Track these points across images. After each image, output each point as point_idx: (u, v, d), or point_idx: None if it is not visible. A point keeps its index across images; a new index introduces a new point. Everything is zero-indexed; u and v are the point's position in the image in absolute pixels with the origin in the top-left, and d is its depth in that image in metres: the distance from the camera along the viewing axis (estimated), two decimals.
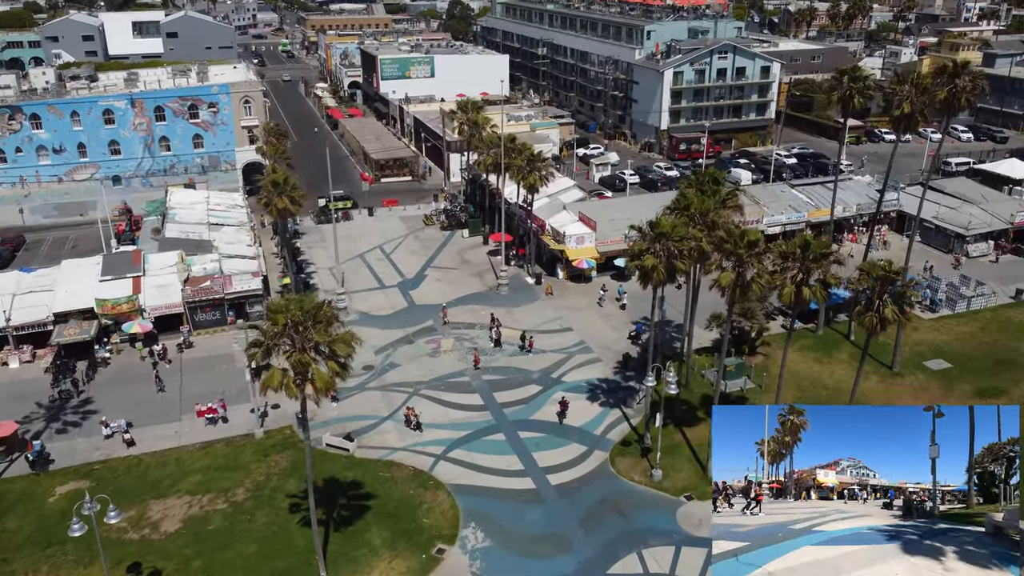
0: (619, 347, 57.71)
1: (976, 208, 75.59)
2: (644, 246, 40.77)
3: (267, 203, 59.37)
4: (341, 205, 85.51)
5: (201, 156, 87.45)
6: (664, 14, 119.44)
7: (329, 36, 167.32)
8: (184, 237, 68.02)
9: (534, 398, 51.39)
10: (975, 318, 62.15)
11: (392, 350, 57.40)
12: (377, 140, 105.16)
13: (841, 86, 53.37)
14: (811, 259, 38.61)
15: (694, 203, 43.12)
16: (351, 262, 73.16)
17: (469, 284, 68.37)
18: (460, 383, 53.10)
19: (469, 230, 79.17)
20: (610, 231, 69.18)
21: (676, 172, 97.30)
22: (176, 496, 42.49)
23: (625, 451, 46.24)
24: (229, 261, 64.22)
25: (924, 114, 50.47)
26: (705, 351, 56.82)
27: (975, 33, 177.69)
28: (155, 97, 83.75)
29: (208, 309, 60.00)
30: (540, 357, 56.24)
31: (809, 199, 77.73)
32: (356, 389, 52.42)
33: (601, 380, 53.60)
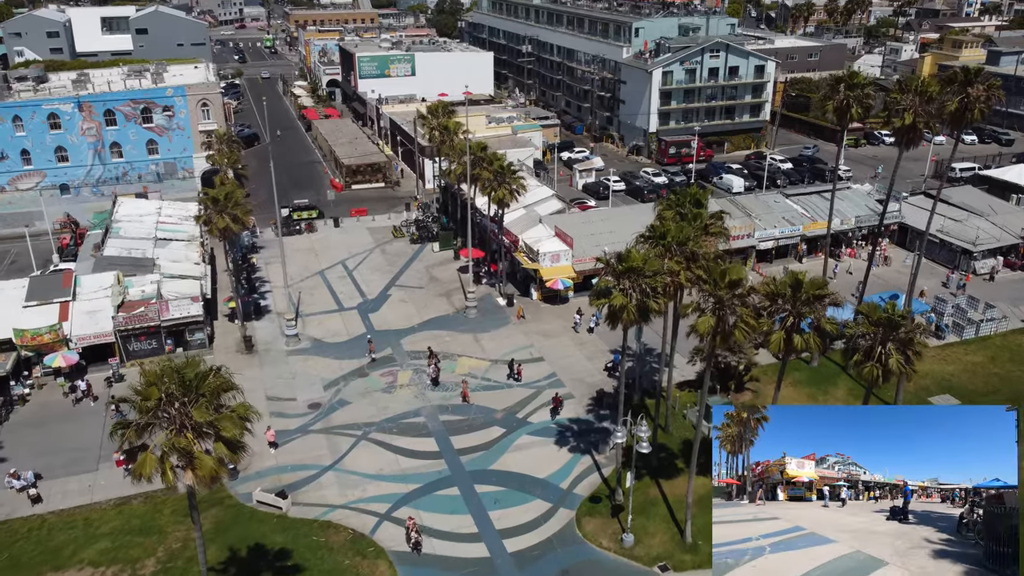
0: (594, 380, 52.35)
1: (984, 220, 70.23)
2: (611, 282, 35.40)
3: (207, 221, 53.92)
4: (306, 216, 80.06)
5: (156, 163, 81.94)
6: (653, 10, 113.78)
7: (309, 32, 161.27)
8: (125, 255, 62.50)
9: (496, 443, 46.03)
10: (984, 345, 56.85)
11: (343, 384, 51.99)
12: (350, 143, 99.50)
13: (837, 93, 47.86)
14: (803, 301, 33.28)
15: (671, 231, 37.68)
16: (310, 280, 67.73)
17: (435, 306, 62.93)
18: (414, 425, 47.71)
19: (439, 243, 73.70)
20: (588, 247, 63.69)
21: (664, 178, 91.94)
22: (76, 568, 37.10)
23: (594, 509, 40.91)
24: (170, 282, 58.74)
25: (930, 125, 45.06)
26: (689, 386, 51.53)
27: (977, 29, 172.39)
28: (104, 100, 78.12)
29: (143, 337, 54.54)
30: (506, 392, 50.89)
31: (805, 210, 72.29)
32: (298, 432, 47.08)
33: (572, 421, 48.25)
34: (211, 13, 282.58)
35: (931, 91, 44.10)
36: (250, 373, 53.13)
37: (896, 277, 66.56)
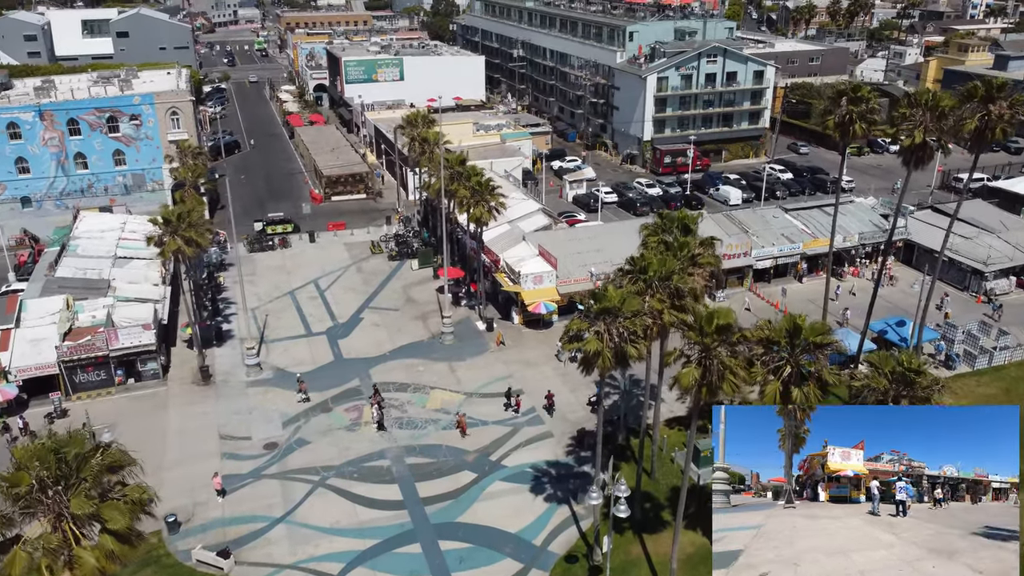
0: (576, 416, 48.28)
1: (995, 238, 66.10)
2: (584, 325, 31.36)
3: (158, 243, 49.94)
4: (280, 230, 76.06)
5: (123, 174, 77.88)
6: (648, 13, 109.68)
7: (297, 35, 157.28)
8: (79, 275, 58.60)
9: (465, 490, 41.96)
10: (999, 376, 52.74)
11: (303, 421, 47.94)
12: (331, 152, 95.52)
13: (839, 108, 43.70)
14: (802, 349, 29.22)
15: (653, 265, 33.62)
16: (279, 301, 63.74)
17: (409, 330, 58.90)
18: (377, 469, 43.63)
19: (418, 260, 69.67)
20: (574, 268, 59.86)
21: (659, 189, 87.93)
22: None
23: (569, 572, 36.85)
24: (124, 307, 54.84)
25: (943, 144, 40.97)
26: (679, 423, 47.48)
27: (983, 32, 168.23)
28: (67, 108, 74.12)
29: (90, 368, 50.54)
30: (480, 431, 46.81)
31: (805, 226, 68.21)
32: (250, 477, 43.05)
33: (550, 464, 44.19)
34: (205, 15, 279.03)
35: (943, 106, 39.94)
36: (204, 407, 49.25)
37: (903, 299, 62.47)
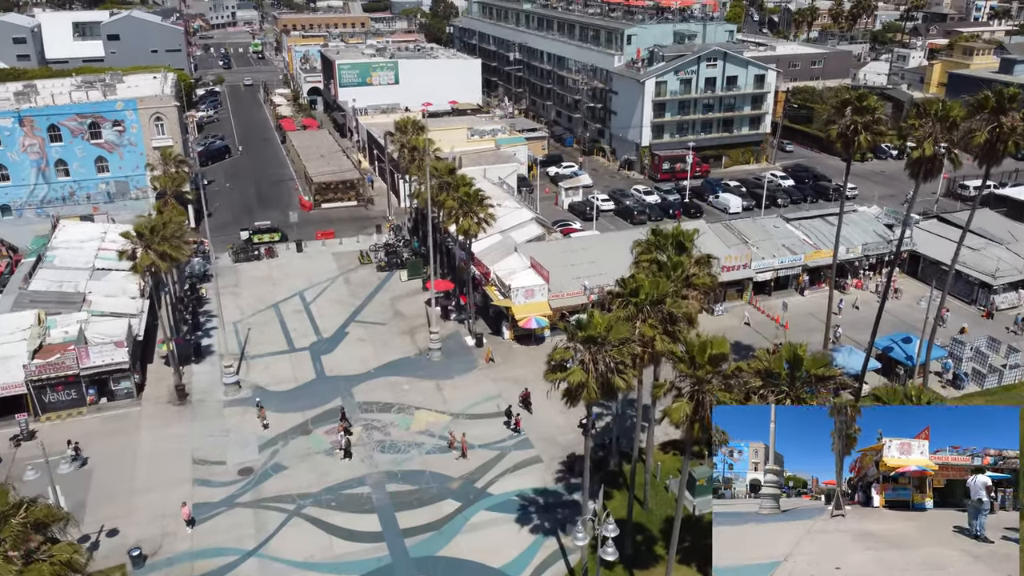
0: (567, 439, 46.12)
1: (1003, 249, 63.90)
2: (568, 354, 29.23)
3: (131, 257, 47.85)
4: (267, 239, 73.99)
5: (106, 182, 75.77)
6: (647, 16, 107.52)
7: (292, 37, 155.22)
8: (54, 288, 56.55)
9: (448, 521, 39.81)
10: (1009, 396, 50.50)
11: (281, 444, 45.80)
12: (323, 158, 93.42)
13: (843, 118, 41.50)
14: (803, 382, 27.07)
15: (644, 288, 31.48)
16: (262, 314, 61.63)
17: (396, 346, 56.78)
18: (356, 497, 41.49)
19: (408, 271, 67.54)
20: (566, 281, 57.76)
21: (656, 196, 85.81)
22: None
23: None
24: (99, 322, 52.74)
25: (953, 157, 38.79)
26: (674, 447, 45.31)
27: (987, 34, 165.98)
28: (47, 114, 72.04)
29: (60, 388, 48.43)
30: (465, 457, 44.66)
31: (807, 237, 66.07)
32: (223, 505, 40.92)
33: (538, 492, 42.05)
34: (203, 16, 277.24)
35: (953, 115, 37.77)
36: (178, 429, 47.15)
37: (908, 312, 60.31)
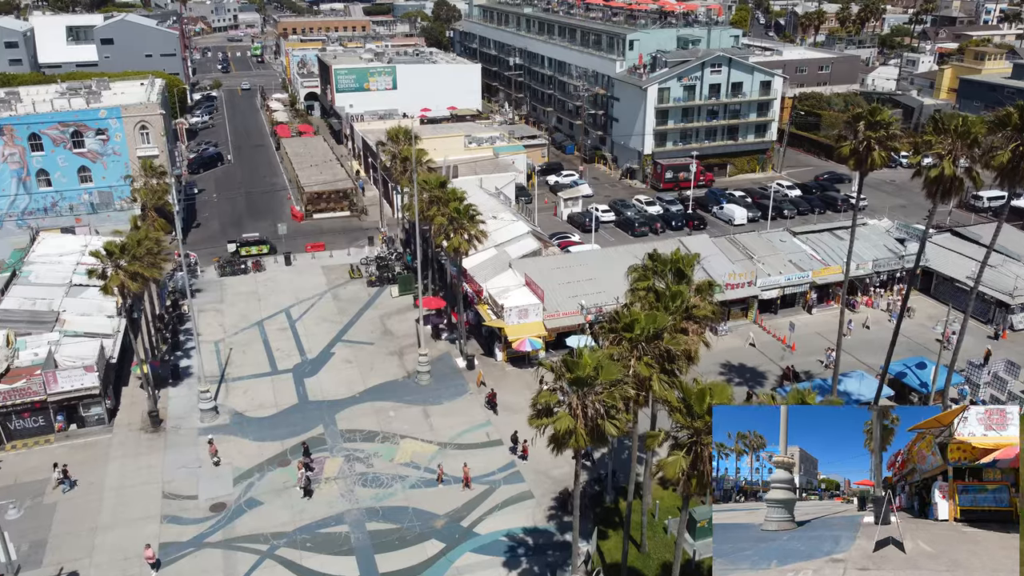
0: (560, 473, 43.43)
1: (1022, 266, 61.04)
2: (554, 399, 26.60)
3: (100, 276, 45.37)
4: (255, 252, 71.49)
5: (89, 192, 73.44)
6: (649, 21, 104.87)
7: (290, 41, 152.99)
8: (27, 306, 54.08)
9: (431, 564, 37.17)
10: None
11: (257, 477, 43.21)
12: (316, 166, 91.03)
13: (855, 134, 38.81)
14: None
15: (640, 322, 28.81)
16: (245, 333, 59.13)
17: (383, 368, 54.18)
18: (334, 537, 38.86)
19: (399, 286, 64.98)
20: (562, 300, 55.14)
21: (659, 207, 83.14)
22: None
23: None
24: (70, 344, 50.26)
25: (974, 176, 36.10)
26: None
27: (997, 38, 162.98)
28: (28, 123, 69.76)
29: (27, 414, 45.98)
30: (452, 491, 42.02)
31: (815, 251, 63.32)
32: (191, 546, 38.33)
33: (528, 531, 39.40)
34: (204, 19, 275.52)
35: (975, 131, 35.04)
36: (150, 459, 44.62)
37: (920, 332, 57.56)
